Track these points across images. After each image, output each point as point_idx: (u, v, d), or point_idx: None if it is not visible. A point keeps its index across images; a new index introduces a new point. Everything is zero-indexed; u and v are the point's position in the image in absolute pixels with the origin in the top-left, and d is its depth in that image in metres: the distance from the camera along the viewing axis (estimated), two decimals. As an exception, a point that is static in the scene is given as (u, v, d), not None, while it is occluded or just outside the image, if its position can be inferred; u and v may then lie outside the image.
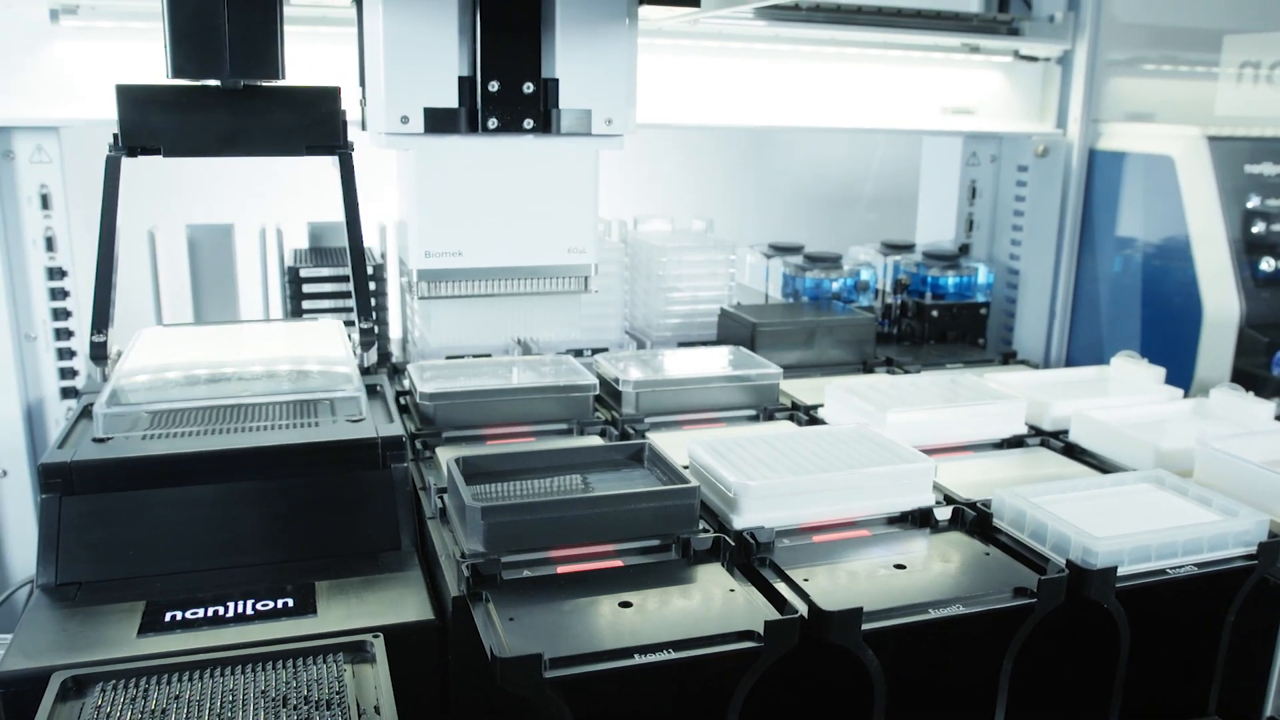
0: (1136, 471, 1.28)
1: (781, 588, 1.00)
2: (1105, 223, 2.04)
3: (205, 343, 1.46)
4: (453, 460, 1.15)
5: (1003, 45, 2.06)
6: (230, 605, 1.04)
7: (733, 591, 1.00)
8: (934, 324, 2.09)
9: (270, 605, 1.04)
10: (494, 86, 1.24)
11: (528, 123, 1.27)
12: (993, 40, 2.05)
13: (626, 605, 0.97)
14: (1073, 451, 1.43)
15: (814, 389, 1.65)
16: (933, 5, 2.01)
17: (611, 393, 1.55)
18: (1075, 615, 1.05)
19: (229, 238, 1.77)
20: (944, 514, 1.18)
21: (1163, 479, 1.25)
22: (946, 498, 1.22)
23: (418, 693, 0.99)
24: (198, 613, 1.02)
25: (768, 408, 1.55)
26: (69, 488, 1.09)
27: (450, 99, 1.24)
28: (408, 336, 1.82)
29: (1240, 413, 1.48)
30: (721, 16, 1.82)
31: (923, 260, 2.14)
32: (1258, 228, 1.86)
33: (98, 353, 1.32)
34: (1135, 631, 1.07)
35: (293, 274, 1.65)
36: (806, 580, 1.02)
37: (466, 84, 1.24)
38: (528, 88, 1.26)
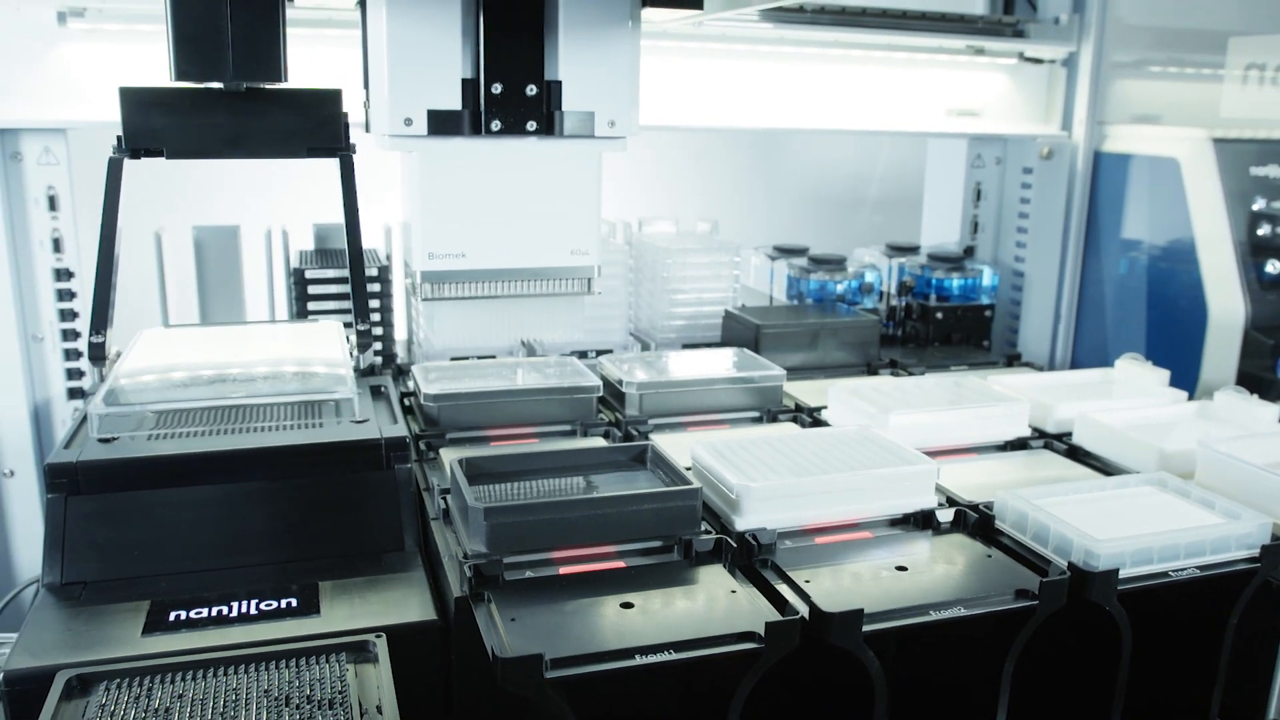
0: (1139, 474, 1.28)
1: (783, 589, 1.00)
2: (1110, 225, 2.04)
3: (202, 344, 1.46)
4: (456, 461, 1.16)
5: (1008, 47, 2.06)
6: (234, 605, 1.04)
7: (734, 593, 1.00)
8: (939, 326, 2.09)
9: (274, 605, 1.05)
10: (497, 89, 1.25)
11: (531, 125, 1.27)
12: (998, 42, 2.05)
13: (628, 606, 0.97)
14: (1076, 454, 1.42)
15: (818, 391, 1.65)
16: (937, 7, 2.00)
17: (615, 394, 1.55)
18: (1077, 618, 1.05)
19: (235, 239, 1.78)
20: (946, 516, 1.19)
21: (1165, 481, 1.24)
22: (949, 500, 1.22)
23: (420, 693, 0.99)
24: (202, 612, 1.03)
25: (771, 410, 1.56)
26: (75, 488, 1.10)
27: (454, 101, 1.25)
28: (413, 338, 1.82)
29: (1244, 415, 1.48)
30: (726, 19, 1.82)
31: (927, 262, 2.13)
32: (1263, 230, 1.85)
33: (96, 353, 1.32)
34: (1137, 634, 1.07)
35: (298, 275, 1.65)
36: (808, 582, 1.02)
37: (470, 86, 1.25)
38: (531, 90, 1.26)
